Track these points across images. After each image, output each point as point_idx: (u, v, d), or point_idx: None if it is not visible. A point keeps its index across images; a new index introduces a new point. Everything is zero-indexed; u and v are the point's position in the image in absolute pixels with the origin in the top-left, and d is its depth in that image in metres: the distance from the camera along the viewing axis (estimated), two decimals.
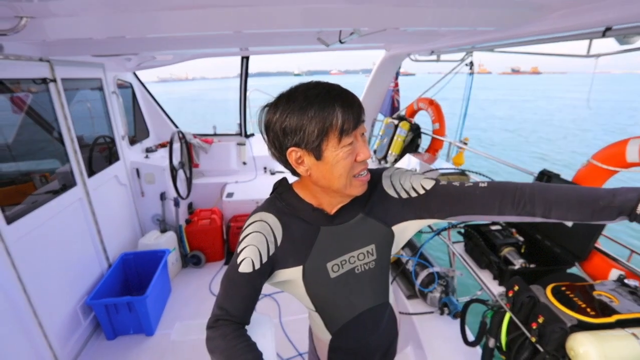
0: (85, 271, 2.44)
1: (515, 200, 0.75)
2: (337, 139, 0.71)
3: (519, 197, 0.75)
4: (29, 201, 1.94)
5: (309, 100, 0.70)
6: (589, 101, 3.32)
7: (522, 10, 1.31)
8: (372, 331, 0.97)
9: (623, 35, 1.13)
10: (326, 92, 0.71)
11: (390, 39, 2.46)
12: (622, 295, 0.97)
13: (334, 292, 0.87)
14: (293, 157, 0.75)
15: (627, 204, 0.66)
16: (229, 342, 0.75)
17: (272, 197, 0.88)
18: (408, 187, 0.86)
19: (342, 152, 0.72)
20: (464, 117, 2.82)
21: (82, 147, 2.45)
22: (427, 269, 2.06)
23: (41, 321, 1.88)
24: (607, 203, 0.68)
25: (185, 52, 3.00)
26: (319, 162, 0.74)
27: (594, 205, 0.69)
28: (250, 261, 0.78)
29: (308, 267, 0.83)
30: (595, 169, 1.35)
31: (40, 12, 1.17)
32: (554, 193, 0.73)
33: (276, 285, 0.90)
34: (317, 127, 0.70)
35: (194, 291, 2.94)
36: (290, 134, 0.72)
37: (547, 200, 0.73)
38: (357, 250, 0.87)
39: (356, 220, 0.86)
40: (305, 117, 0.70)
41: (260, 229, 0.81)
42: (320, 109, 0.69)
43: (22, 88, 1.99)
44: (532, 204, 0.74)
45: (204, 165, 4.15)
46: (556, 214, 0.72)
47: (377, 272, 0.91)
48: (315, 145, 0.72)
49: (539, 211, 0.74)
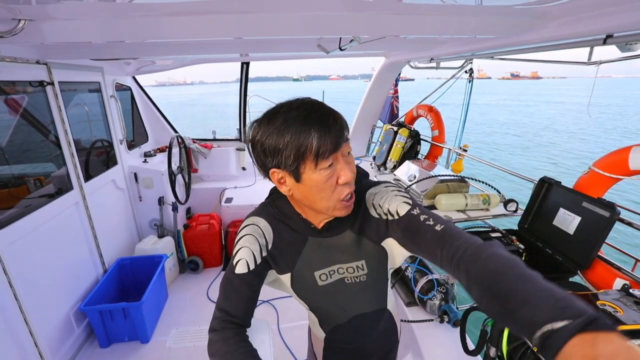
0: (80, 277, 2.41)
1: (450, 257, 0.66)
2: (313, 163, 0.71)
3: (458, 262, 0.64)
4: (22, 205, 1.91)
5: (287, 124, 0.70)
6: (588, 107, 3.35)
7: (523, 19, 1.31)
8: (367, 334, 0.97)
9: (624, 43, 1.13)
10: (305, 115, 0.70)
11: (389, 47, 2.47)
12: (627, 306, 0.95)
13: (324, 298, 0.90)
14: (275, 177, 0.77)
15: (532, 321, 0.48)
16: (229, 346, 0.75)
17: (266, 202, 0.90)
18: (386, 210, 0.83)
19: (319, 176, 0.72)
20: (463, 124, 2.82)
21: (80, 150, 2.43)
22: (427, 275, 2.04)
23: (32, 328, 1.84)
24: (513, 308, 0.52)
25: (185, 57, 3.00)
26: (299, 184, 0.75)
27: (503, 304, 0.54)
28: (245, 262, 0.81)
29: (296, 273, 0.86)
30: (597, 177, 1.34)
31: (39, 15, 1.17)
32: (482, 268, 0.60)
33: (272, 285, 0.94)
34: (293, 152, 0.70)
35: (192, 297, 2.90)
36: (270, 155, 0.73)
37: (469, 274, 0.61)
38: (346, 263, 0.87)
39: (344, 235, 0.86)
40: (282, 141, 0.70)
41: (252, 232, 0.84)
42: (296, 133, 0.69)
43: (17, 90, 1.97)
44: (469, 280, 0.61)
45: (202, 170, 4.13)
46: (474, 295, 0.61)
47: (369, 284, 0.89)
48: (293, 168, 0.72)
49: (464, 283, 0.64)
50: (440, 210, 2.01)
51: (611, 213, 1.19)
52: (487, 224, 1.91)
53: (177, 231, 3.22)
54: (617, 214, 1.19)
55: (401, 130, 3.03)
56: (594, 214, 1.26)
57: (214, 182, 4.11)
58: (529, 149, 13.55)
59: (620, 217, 1.23)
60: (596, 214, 1.25)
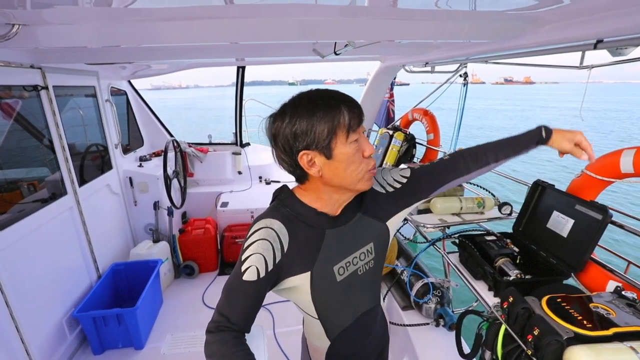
0: (74, 282, 2.38)
1: (473, 157, 0.97)
2: (345, 136, 0.76)
3: (475, 154, 0.98)
4: (16, 210, 1.89)
5: (315, 103, 0.76)
6: (580, 111, 3.43)
7: (515, 23, 1.33)
8: (367, 335, 1.00)
9: (615, 47, 1.15)
10: (330, 95, 0.78)
11: (385, 51, 2.48)
12: (619, 308, 0.96)
13: (339, 296, 0.90)
14: (305, 160, 0.78)
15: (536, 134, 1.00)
16: (228, 348, 0.75)
17: (276, 203, 0.88)
18: (391, 181, 0.96)
19: (350, 149, 0.77)
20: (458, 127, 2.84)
21: (74, 155, 2.42)
22: (422, 279, 2.04)
23: (23, 335, 1.82)
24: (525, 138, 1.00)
25: (181, 61, 3.00)
26: (330, 161, 0.78)
27: (519, 143, 1.00)
28: (255, 269, 0.78)
29: (316, 272, 0.84)
30: (589, 180, 1.36)
31: (34, 20, 1.16)
32: (494, 145, 1.00)
33: (280, 293, 0.90)
34: (327, 126, 0.75)
35: (187, 302, 2.88)
36: (300, 136, 0.76)
37: (493, 150, 0.99)
38: (359, 250, 0.90)
39: (355, 220, 0.90)
40: (314, 118, 0.75)
41: (266, 236, 0.80)
42: (327, 110, 0.75)
43: (11, 94, 1.96)
44: (486, 155, 0.98)
45: (198, 175, 4.12)
46: (502, 156, 0.99)
47: (375, 272, 0.96)
48: (325, 144, 0.76)
49: (491, 158, 0.98)
50: (435, 213, 2.02)
51: (603, 216, 1.20)
52: (482, 227, 1.92)
53: (173, 236, 3.20)
54: (610, 216, 1.21)
55: (397, 134, 3.04)
56: (586, 216, 1.27)
57: (210, 186, 4.09)
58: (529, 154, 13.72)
59: (613, 219, 1.24)
60: (589, 216, 1.26)
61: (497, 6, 1.10)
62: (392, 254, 2.42)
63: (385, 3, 1.07)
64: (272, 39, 1.30)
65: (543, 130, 1.00)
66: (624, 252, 1.40)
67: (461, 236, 1.74)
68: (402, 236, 2.81)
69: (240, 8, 1.12)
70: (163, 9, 1.11)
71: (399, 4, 1.08)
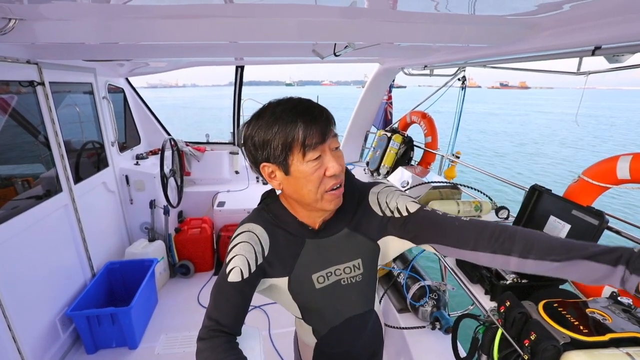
0: (67, 281, 2.36)
1: (495, 236, 0.73)
2: (301, 154, 0.73)
3: (500, 233, 0.73)
4: (9, 207, 1.87)
5: (275, 117, 0.73)
6: (576, 116, 3.48)
7: (514, 29, 1.33)
8: (357, 337, 0.99)
9: (612, 54, 1.15)
10: (292, 107, 0.74)
11: (384, 53, 2.49)
12: (615, 314, 0.96)
13: (320, 301, 0.90)
14: (266, 171, 0.79)
15: (627, 251, 0.61)
16: (218, 354, 0.74)
17: (260, 208, 0.89)
18: (393, 207, 0.87)
19: (307, 167, 0.73)
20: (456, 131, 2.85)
21: (70, 152, 2.40)
22: (419, 282, 2.04)
23: (15, 334, 1.79)
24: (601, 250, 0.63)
25: (180, 60, 2.99)
26: (288, 177, 0.76)
27: (582, 250, 0.65)
28: (239, 270, 0.79)
29: (294, 277, 0.85)
30: (586, 185, 1.36)
31: (31, 14, 1.15)
32: (537, 235, 0.71)
33: (263, 293, 0.92)
34: (281, 142, 0.72)
35: (182, 302, 2.86)
36: (259, 149, 0.76)
37: (529, 239, 0.70)
38: (343, 264, 0.88)
39: (342, 234, 0.88)
40: (270, 133, 0.73)
41: (248, 239, 0.82)
42: (283, 125, 0.72)
43: (7, 90, 1.94)
44: (512, 241, 0.71)
45: (195, 174, 4.10)
46: (536, 254, 0.68)
47: (363, 284, 0.92)
48: (281, 160, 0.74)
49: (518, 248, 0.70)
50: None
51: (600, 221, 1.21)
52: None
53: (169, 235, 3.18)
54: (606, 222, 1.21)
55: (394, 136, 3.05)
56: (583, 222, 1.28)
57: (207, 185, 4.08)
58: (530, 156, 13.87)
59: (609, 225, 1.24)
60: (585, 222, 1.27)
61: (496, 11, 1.11)
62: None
63: (385, 5, 1.07)
64: (272, 38, 1.29)
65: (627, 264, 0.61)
66: None
67: None
68: None
69: (240, 7, 1.12)
70: (162, 7, 1.11)
71: (398, 7, 1.08)
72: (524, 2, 0.99)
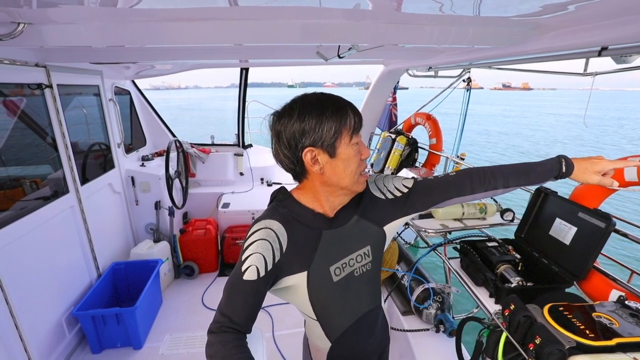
0: (73, 281, 2.38)
1: (481, 178, 0.94)
2: (348, 137, 0.80)
3: (483, 175, 0.94)
4: (17, 207, 1.89)
5: (323, 103, 0.80)
6: (585, 118, 3.44)
7: (519, 29, 1.33)
8: (369, 336, 1.01)
9: (619, 55, 1.14)
10: (336, 98, 0.82)
11: (388, 55, 2.49)
12: (622, 318, 0.95)
13: (336, 296, 0.91)
14: (308, 157, 0.81)
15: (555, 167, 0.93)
16: (228, 350, 0.76)
17: (274, 204, 0.90)
18: (392, 189, 0.97)
19: (352, 150, 0.81)
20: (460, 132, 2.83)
21: (77, 153, 2.42)
22: (423, 284, 2.03)
23: (22, 333, 1.81)
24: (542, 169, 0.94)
25: (185, 62, 3.01)
26: (332, 160, 0.81)
27: (534, 173, 0.94)
28: (255, 269, 0.80)
29: (312, 271, 0.86)
30: (593, 187, 1.35)
31: (39, 18, 1.17)
32: (507, 169, 0.95)
33: (277, 293, 0.92)
34: (334, 125, 0.78)
35: (186, 303, 2.87)
36: (308, 133, 0.78)
37: (504, 175, 0.94)
38: (356, 252, 0.92)
39: (352, 222, 0.92)
40: (323, 117, 0.78)
41: (265, 236, 0.82)
42: (335, 110, 0.79)
43: (16, 92, 1.97)
44: (495, 179, 0.94)
45: (200, 175, 4.12)
46: (513, 183, 0.94)
47: (372, 274, 0.97)
48: (331, 142, 0.79)
49: (500, 183, 0.94)
50: (437, 218, 2.01)
51: (607, 224, 1.19)
52: (484, 233, 1.91)
53: (173, 236, 3.19)
54: (613, 225, 1.20)
55: (399, 137, 3.04)
56: (589, 224, 1.26)
57: (212, 187, 4.10)
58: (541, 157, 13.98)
59: (616, 228, 1.23)
60: (592, 224, 1.25)
61: (501, 12, 1.10)
62: (393, 259, 2.41)
63: (390, 7, 1.07)
64: (276, 41, 1.30)
65: (563, 162, 0.93)
66: (627, 261, 1.38)
67: (462, 242, 1.73)
68: (403, 240, 2.80)
69: (245, 10, 1.13)
70: (168, 10, 1.12)
71: (403, 8, 1.08)
72: (528, 3, 0.98)
